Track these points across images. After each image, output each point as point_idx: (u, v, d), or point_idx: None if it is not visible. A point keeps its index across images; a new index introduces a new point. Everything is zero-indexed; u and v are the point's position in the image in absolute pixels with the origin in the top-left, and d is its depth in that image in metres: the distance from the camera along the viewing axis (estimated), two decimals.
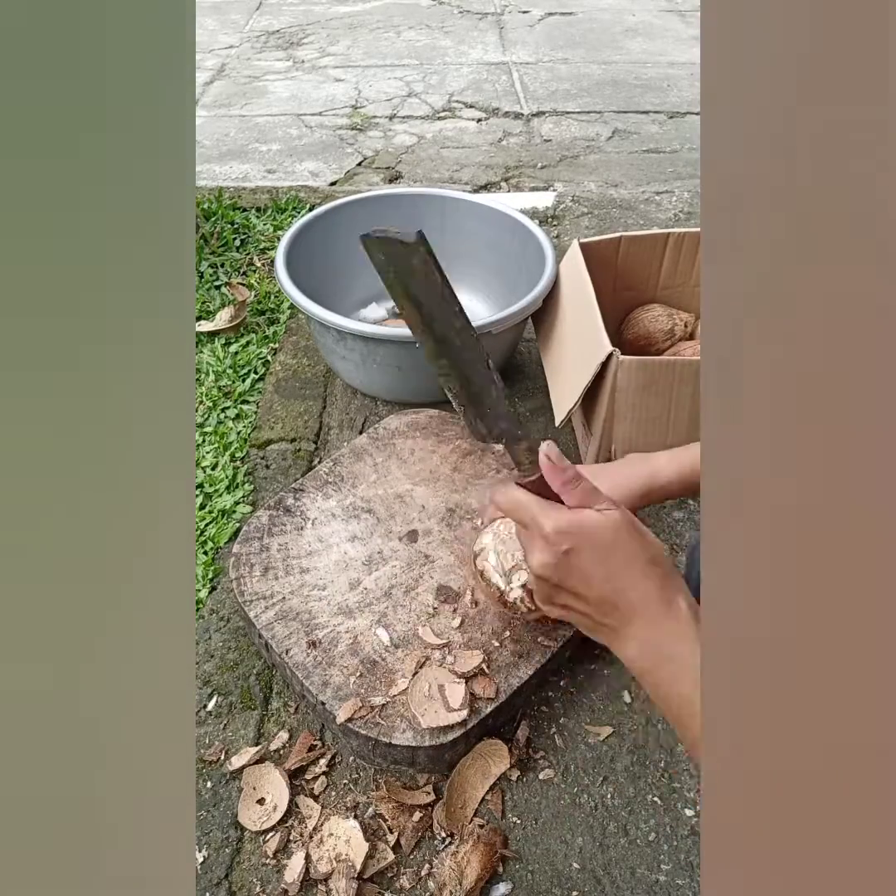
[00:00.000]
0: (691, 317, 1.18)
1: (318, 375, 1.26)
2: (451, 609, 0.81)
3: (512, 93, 2.43)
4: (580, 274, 1.05)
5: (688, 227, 1.64)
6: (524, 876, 0.69)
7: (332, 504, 0.93)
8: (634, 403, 0.93)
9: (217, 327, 1.34)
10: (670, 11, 3.11)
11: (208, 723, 0.80)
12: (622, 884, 0.69)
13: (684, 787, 0.75)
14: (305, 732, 0.78)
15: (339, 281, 1.31)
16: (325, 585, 0.83)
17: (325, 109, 2.34)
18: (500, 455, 0.99)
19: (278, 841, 0.70)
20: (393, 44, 2.84)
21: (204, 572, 0.94)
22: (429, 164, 2.02)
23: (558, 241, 1.61)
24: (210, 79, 2.56)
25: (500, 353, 1.17)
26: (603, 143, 2.13)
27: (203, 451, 1.11)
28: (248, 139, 2.17)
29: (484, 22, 3.06)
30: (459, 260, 1.38)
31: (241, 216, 1.65)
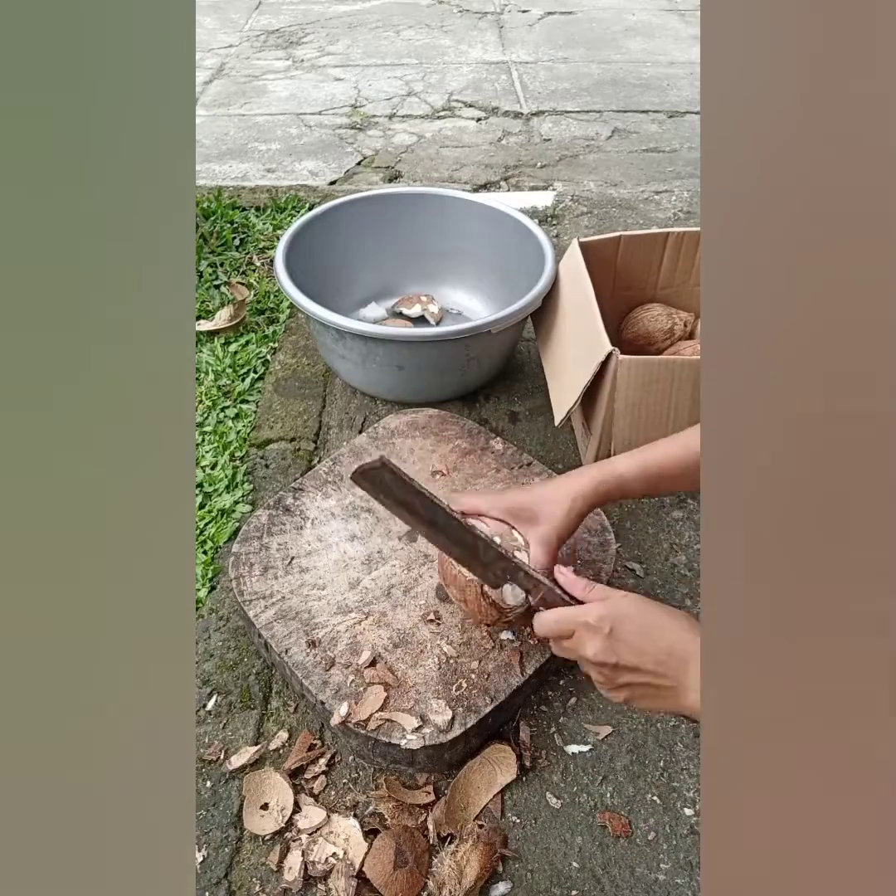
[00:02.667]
0: (691, 316, 1.18)
1: (317, 375, 1.26)
2: (450, 610, 0.81)
3: (511, 92, 2.43)
4: (580, 273, 1.05)
5: (687, 226, 1.64)
6: (524, 875, 0.69)
7: (331, 503, 0.93)
8: (634, 403, 0.93)
9: (216, 327, 1.34)
10: (670, 11, 3.11)
11: (208, 722, 0.80)
12: (621, 883, 0.69)
13: (683, 786, 0.75)
14: (305, 732, 0.78)
15: (339, 280, 1.31)
16: (325, 585, 0.83)
17: (324, 109, 2.34)
18: (499, 454, 0.99)
19: (278, 840, 0.70)
20: (392, 43, 2.84)
21: (203, 571, 0.94)
22: (428, 164, 2.02)
23: (558, 241, 1.61)
24: (209, 78, 2.56)
25: (499, 353, 1.17)
26: (602, 142, 2.13)
27: (202, 450, 1.11)
28: (248, 138, 2.17)
29: (483, 21, 3.05)
30: (459, 259, 1.38)
31: (241, 215, 1.65)
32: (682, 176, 1.93)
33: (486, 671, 0.75)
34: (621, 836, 0.71)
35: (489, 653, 0.77)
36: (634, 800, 0.74)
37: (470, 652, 0.77)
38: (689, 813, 0.73)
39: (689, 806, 0.74)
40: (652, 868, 0.69)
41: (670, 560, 0.96)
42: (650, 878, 0.69)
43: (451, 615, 0.80)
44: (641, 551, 0.97)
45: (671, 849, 0.71)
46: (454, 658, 0.76)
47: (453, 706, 0.72)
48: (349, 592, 0.82)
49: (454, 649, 0.77)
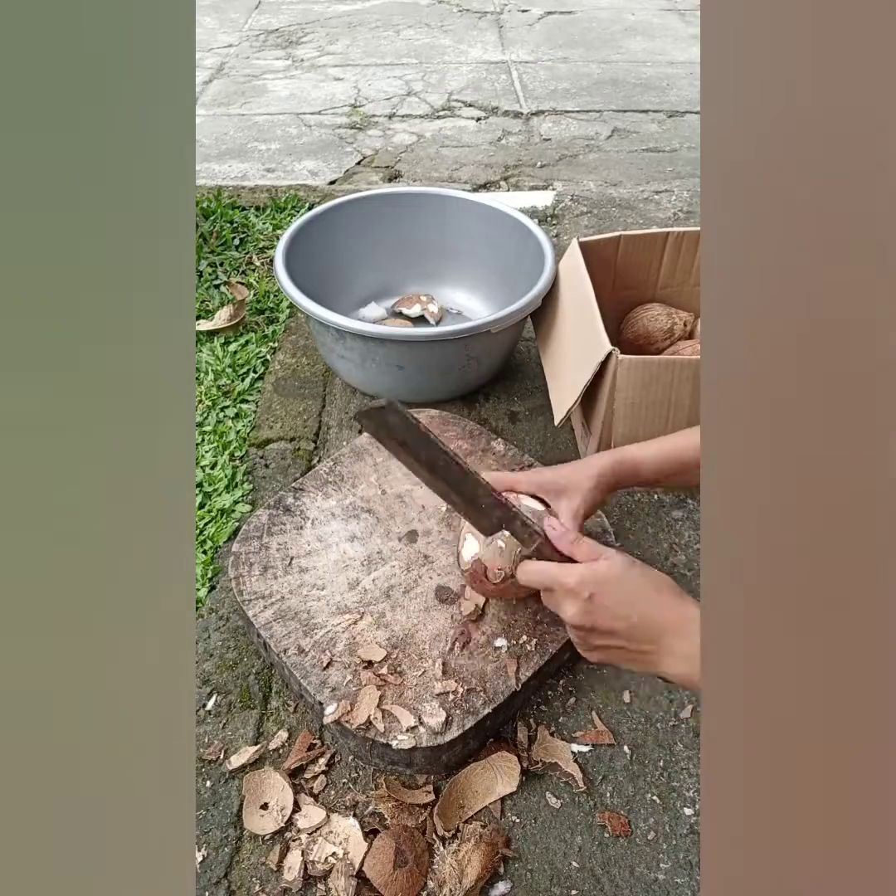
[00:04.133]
0: (690, 316, 1.18)
1: (317, 375, 1.26)
2: (449, 610, 0.81)
3: (511, 92, 2.43)
4: (579, 273, 1.05)
5: (687, 226, 1.64)
6: (523, 875, 0.69)
7: (331, 504, 0.93)
8: (634, 402, 0.93)
9: (216, 326, 1.34)
10: (669, 10, 3.11)
11: (207, 722, 0.80)
12: (621, 882, 0.69)
13: (683, 785, 0.75)
14: (304, 731, 0.78)
15: (339, 280, 1.31)
16: (324, 585, 0.83)
17: (324, 108, 2.34)
18: (500, 456, 0.99)
19: (277, 840, 0.70)
20: (392, 43, 2.84)
21: (203, 571, 0.94)
22: (428, 163, 2.02)
23: (557, 241, 1.61)
24: (209, 77, 2.56)
25: (499, 352, 1.17)
26: (602, 142, 2.13)
27: (202, 450, 1.11)
28: (248, 138, 2.17)
29: (483, 21, 3.05)
30: (459, 259, 1.38)
31: (241, 215, 1.65)
32: (681, 176, 1.93)
33: (485, 673, 0.75)
34: (621, 835, 0.71)
35: (488, 654, 0.77)
36: (634, 799, 0.74)
37: (468, 654, 0.77)
38: (689, 812, 0.73)
39: (688, 805, 0.74)
40: (651, 868, 0.70)
41: (670, 560, 0.96)
42: (650, 878, 0.69)
43: (452, 617, 0.80)
44: (641, 551, 0.97)
45: (671, 848, 0.71)
46: (453, 659, 0.76)
47: (451, 708, 0.72)
48: (348, 593, 0.82)
49: (453, 650, 0.77)
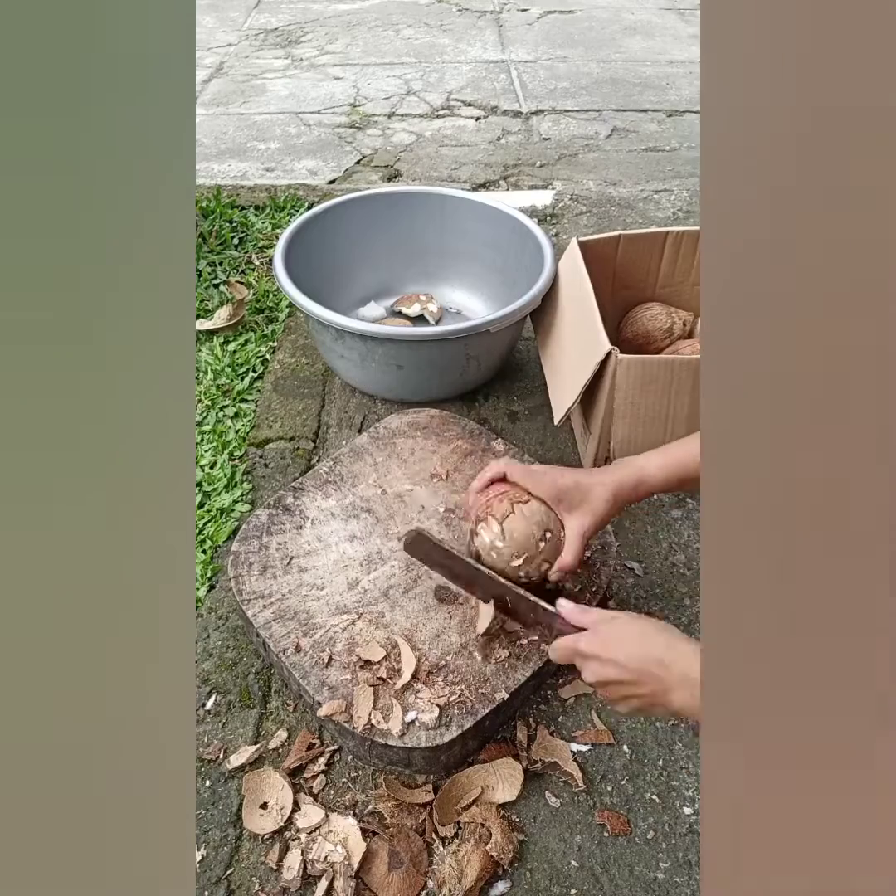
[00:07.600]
0: (690, 315, 1.18)
1: (316, 374, 1.26)
2: (448, 610, 0.81)
3: (511, 91, 2.43)
4: (579, 272, 1.05)
5: (686, 225, 1.64)
6: (523, 874, 0.69)
7: (331, 503, 0.92)
8: (633, 402, 0.93)
9: (215, 326, 1.34)
10: (669, 10, 3.11)
11: (207, 721, 0.80)
12: (620, 881, 0.69)
13: (682, 785, 0.75)
14: (304, 731, 0.78)
15: (338, 279, 1.31)
16: (324, 585, 0.83)
17: (323, 108, 2.34)
18: (500, 455, 0.99)
19: (277, 839, 0.70)
20: (392, 42, 2.84)
21: (202, 571, 0.94)
22: (427, 163, 2.02)
23: (557, 240, 1.61)
24: (208, 77, 2.56)
25: (498, 352, 1.17)
26: (602, 141, 2.13)
27: (202, 449, 1.11)
28: (247, 137, 2.16)
29: (483, 20, 3.05)
30: (458, 258, 1.38)
31: (240, 214, 1.65)
32: (681, 175, 1.93)
33: (484, 674, 0.75)
34: (620, 834, 0.71)
35: (487, 655, 0.77)
36: (633, 798, 0.74)
37: (468, 654, 0.77)
38: (689, 812, 0.73)
39: (688, 805, 0.74)
40: (651, 867, 0.70)
41: (669, 559, 0.96)
42: (649, 877, 0.69)
43: (450, 617, 0.80)
44: (641, 550, 0.97)
45: (670, 847, 0.71)
46: (452, 660, 0.76)
47: (450, 709, 0.72)
48: (348, 593, 0.82)
49: (452, 651, 0.77)
